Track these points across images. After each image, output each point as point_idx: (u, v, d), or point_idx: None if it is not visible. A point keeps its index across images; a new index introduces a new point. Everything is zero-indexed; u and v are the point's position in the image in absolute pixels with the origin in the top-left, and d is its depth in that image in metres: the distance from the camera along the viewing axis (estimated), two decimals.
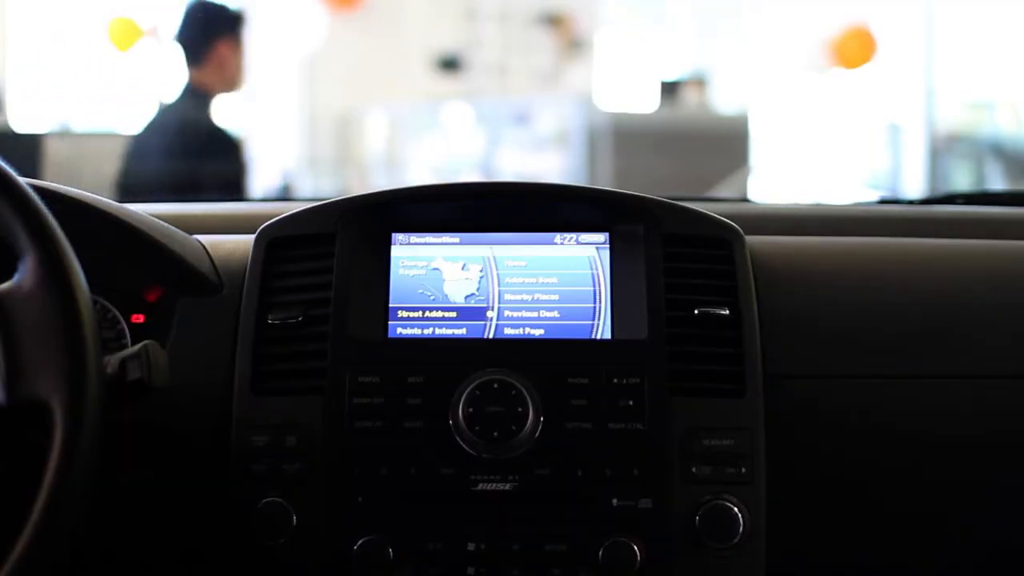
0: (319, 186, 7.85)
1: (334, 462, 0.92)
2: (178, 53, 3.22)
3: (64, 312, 0.77)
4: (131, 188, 3.08)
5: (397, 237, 1.01)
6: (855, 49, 7.34)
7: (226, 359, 0.97)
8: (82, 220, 0.96)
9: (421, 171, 6.85)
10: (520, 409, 0.91)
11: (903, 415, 0.97)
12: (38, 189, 0.83)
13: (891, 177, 7.32)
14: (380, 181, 7.14)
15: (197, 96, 3.18)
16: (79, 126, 6.32)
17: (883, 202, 1.58)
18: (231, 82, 3.22)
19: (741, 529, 0.90)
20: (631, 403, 0.92)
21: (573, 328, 0.97)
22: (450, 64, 7.83)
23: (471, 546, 0.92)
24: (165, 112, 3.36)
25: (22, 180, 0.81)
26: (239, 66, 3.22)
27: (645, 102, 6.88)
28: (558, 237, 1.00)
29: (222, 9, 3.30)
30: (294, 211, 1.02)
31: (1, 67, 7.36)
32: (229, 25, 3.25)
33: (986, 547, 0.99)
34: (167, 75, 7.88)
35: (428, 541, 0.92)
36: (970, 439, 0.97)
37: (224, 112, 3.14)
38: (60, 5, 7.63)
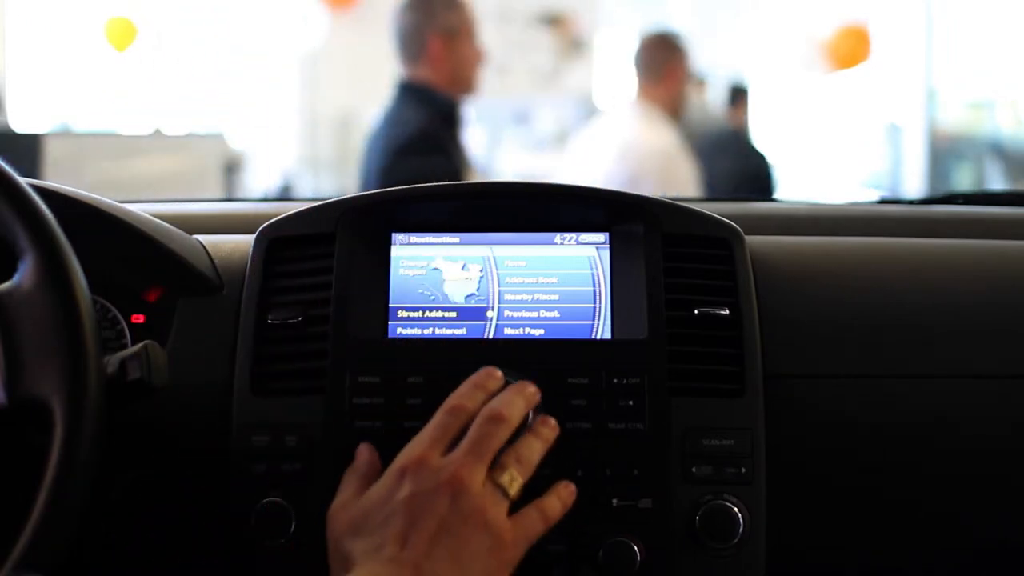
0: (319, 186, 7.85)
1: (334, 462, 0.92)
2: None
3: (64, 312, 0.77)
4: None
5: (397, 237, 1.01)
6: (850, 48, 7.34)
7: (226, 359, 0.97)
8: (82, 220, 0.96)
9: None
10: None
11: (903, 415, 0.97)
12: (38, 189, 0.83)
13: (891, 177, 7.32)
14: None
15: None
16: (79, 126, 6.32)
17: (883, 202, 1.58)
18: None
19: (741, 529, 0.90)
20: (631, 403, 0.92)
21: (573, 328, 0.97)
22: None
23: None
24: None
25: (22, 180, 0.81)
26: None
27: None
28: (558, 237, 1.00)
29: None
30: (294, 211, 1.02)
31: (1, 67, 7.36)
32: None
33: (987, 546, 0.99)
34: (164, 74, 7.86)
35: None
36: (971, 438, 0.97)
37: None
38: (59, 5, 7.63)
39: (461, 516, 0.80)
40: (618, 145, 3.29)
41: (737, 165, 5.18)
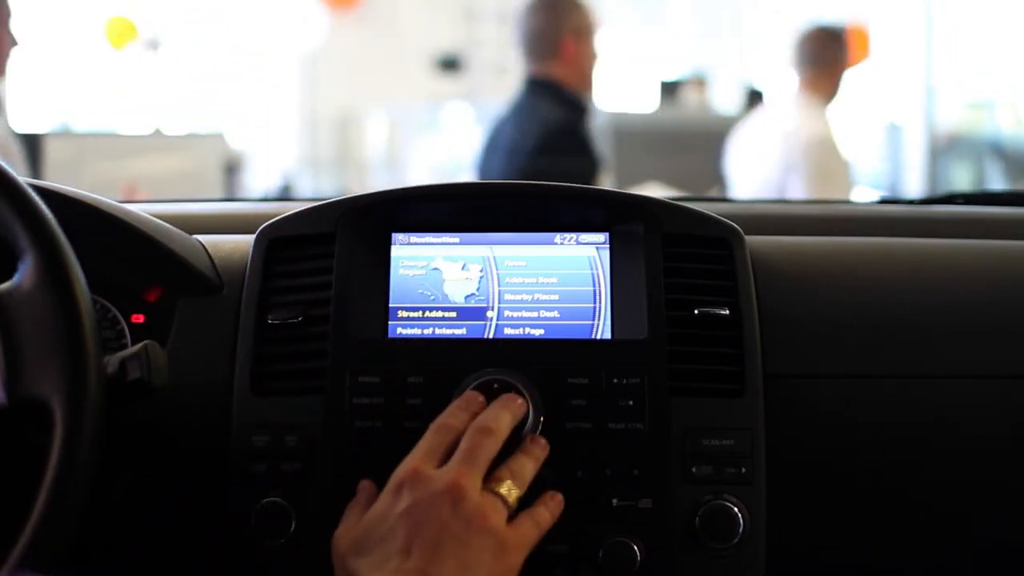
0: (319, 186, 7.86)
1: (334, 462, 0.92)
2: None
3: (64, 312, 0.77)
4: None
5: (397, 237, 1.01)
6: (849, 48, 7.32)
7: (226, 359, 0.97)
8: (82, 220, 0.96)
9: (421, 171, 6.85)
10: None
11: (902, 415, 0.97)
12: (38, 189, 0.83)
13: (891, 177, 7.32)
14: (380, 181, 7.14)
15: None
16: (79, 126, 6.32)
17: (883, 202, 1.58)
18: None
19: (741, 529, 0.90)
20: (631, 403, 0.92)
21: (573, 328, 0.97)
22: (450, 64, 7.84)
23: None
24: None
25: (22, 180, 0.81)
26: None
27: (645, 102, 6.88)
28: (558, 237, 1.00)
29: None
30: (294, 211, 1.02)
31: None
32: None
33: (987, 546, 0.99)
34: (163, 75, 7.86)
35: None
36: (971, 438, 0.97)
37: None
38: (59, 5, 7.63)
39: (463, 521, 0.80)
40: (779, 133, 3.38)
41: None
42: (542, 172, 2.69)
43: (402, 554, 0.78)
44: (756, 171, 3.41)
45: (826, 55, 3.45)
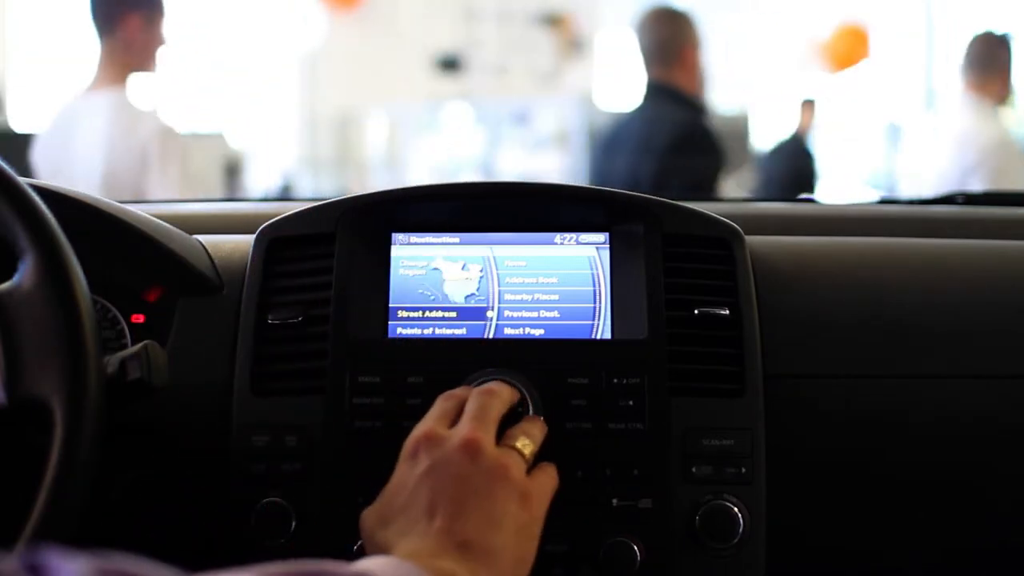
0: (319, 186, 7.86)
1: (334, 462, 0.92)
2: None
3: (64, 312, 0.77)
4: None
5: (397, 237, 1.01)
6: (849, 48, 7.33)
7: (226, 359, 0.97)
8: (82, 220, 0.96)
9: (421, 171, 6.85)
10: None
11: (902, 415, 0.97)
12: (38, 189, 0.83)
13: (891, 177, 7.32)
14: (380, 181, 7.15)
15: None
16: None
17: (883, 202, 1.58)
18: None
19: (741, 529, 0.90)
20: (631, 403, 0.92)
21: (573, 328, 0.97)
22: (450, 64, 7.85)
23: None
24: None
25: (22, 180, 0.81)
26: None
27: None
28: (558, 237, 1.00)
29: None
30: (294, 211, 1.02)
31: (1, 67, 7.36)
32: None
33: (987, 547, 0.99)
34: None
35: None
36: (971, 439, 0.97)
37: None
38: (59, 5, 7.63)
39: (484, 473, 0.79)
40: (954, 137, 3.41)
41: (792, 164, 5.96)
42: (674, 169, 2.91)
43: (427, 516, 0.77)
44: (928, 175, 3.43)
45: (996, 58, 3.47)
